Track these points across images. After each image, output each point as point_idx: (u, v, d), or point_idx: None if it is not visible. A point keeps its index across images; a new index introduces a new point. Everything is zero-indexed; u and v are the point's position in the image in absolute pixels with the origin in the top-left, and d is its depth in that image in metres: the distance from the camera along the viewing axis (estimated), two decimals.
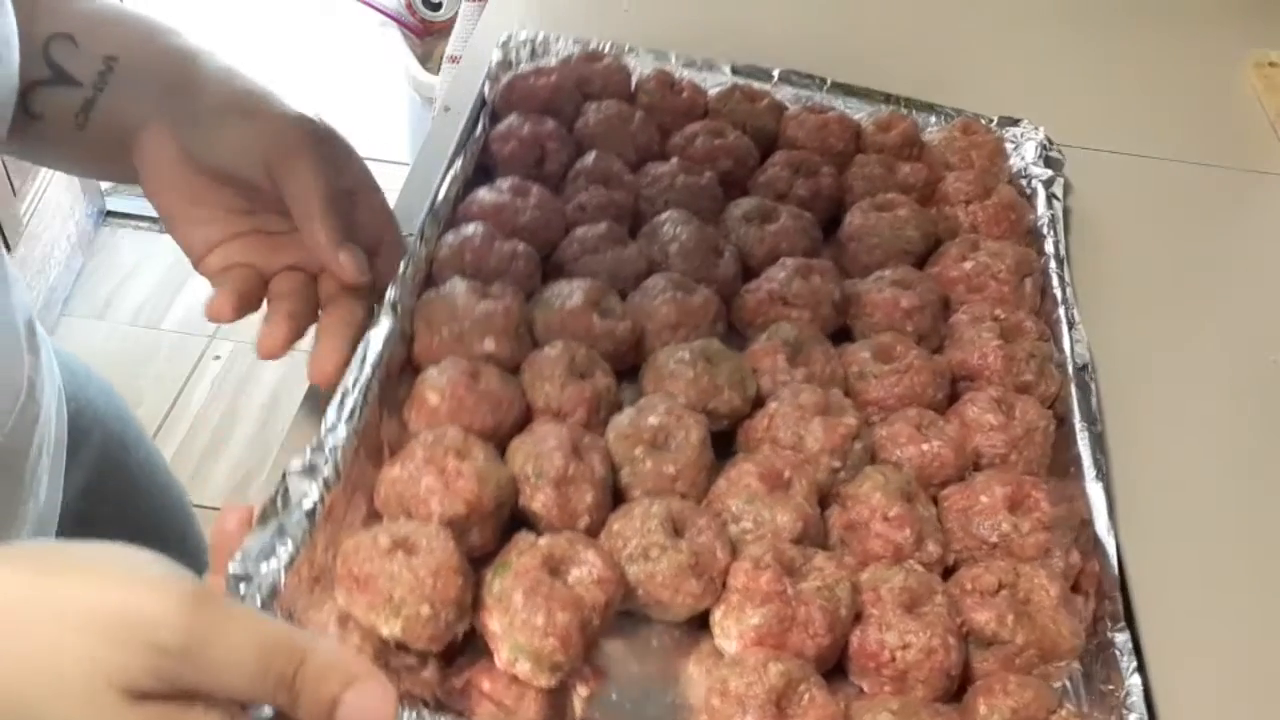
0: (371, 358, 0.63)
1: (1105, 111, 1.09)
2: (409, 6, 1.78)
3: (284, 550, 0.53)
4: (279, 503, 0.54)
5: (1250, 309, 0.92)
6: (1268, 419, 0.82)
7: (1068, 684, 0.64)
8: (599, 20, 1.15)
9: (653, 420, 0.66)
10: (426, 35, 1.80)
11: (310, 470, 0.56)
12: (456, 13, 1.56)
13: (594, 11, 1.18)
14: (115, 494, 0.88)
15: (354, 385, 0.61)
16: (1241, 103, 1.12)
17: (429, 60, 1.79)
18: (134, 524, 0.88)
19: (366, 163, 0.71)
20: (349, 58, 2.39)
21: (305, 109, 0.67)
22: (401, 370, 0.68)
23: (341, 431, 0.58)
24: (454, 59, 1.51)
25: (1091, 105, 1.09)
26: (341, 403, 0.60)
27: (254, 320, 0.87)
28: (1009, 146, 0.96)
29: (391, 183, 0.91)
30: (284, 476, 0.55)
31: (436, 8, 1.76)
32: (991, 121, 0.98)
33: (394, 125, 2.03)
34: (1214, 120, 1.10)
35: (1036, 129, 0.97)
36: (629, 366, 0.74)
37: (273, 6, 2.60)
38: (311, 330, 0.73)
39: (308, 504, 0.54)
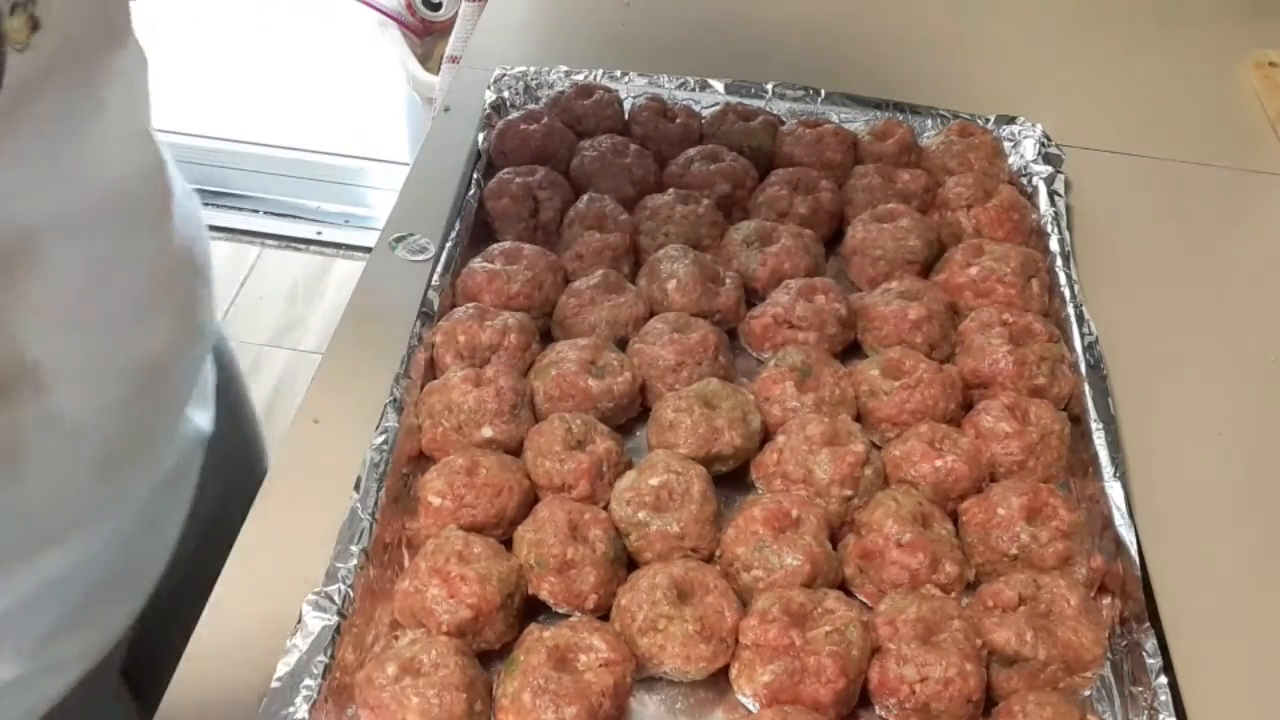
0: (377, 472, 0.66)
1: (1105, 111, 1.08)
2: (409, 6, 1.78)
3: (309, 685, 0.57)
4: (298, 636, 0.58)
5: (1250, 308, 0.90)
6: (1271, 416, 0.82)
7: (1100, 690, 0.64)
8: (595, 20, 1.16)
9: (654, 481, 0.67)
10: (426, 35, 1.80)
11: (326, 599, 0.59)
12: (456, 13, 1.56)
13: (590, 10, 1.18)
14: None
15: (362, 506, 0.64)
16: (1241, 103, 1.10)
17: (429, 60, 1.80)
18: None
19: (367, 163, 0.73)
20: (349, 58, 2.41)
21: None
22: (415, 460, 0.72)
23: (353, 557, 0.62)
24: (454, 59, 1.52)
25: (1091, 105, 1.08)
26: (350, 525, 0.63)
27: (248, 319, 0.91)
28: (1007, 145, 0.96)
29: (391, 182, 0.94)
30: (301, 611, 0.59)
31: (436, 8, 1.76)
32: (988, 122, 0.97)
33: (394, 125, 2.03)
34: (1214, 120, 1.08)
35: (1034, 126, 0.96)
36: (639, 412, 0.77)
37: (273, 6, 2.63)
38: (309, 333, 0.75)
39: (325, 635, 0.58)
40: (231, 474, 0.79)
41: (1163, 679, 0.61)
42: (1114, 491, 0.69)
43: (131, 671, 0.77)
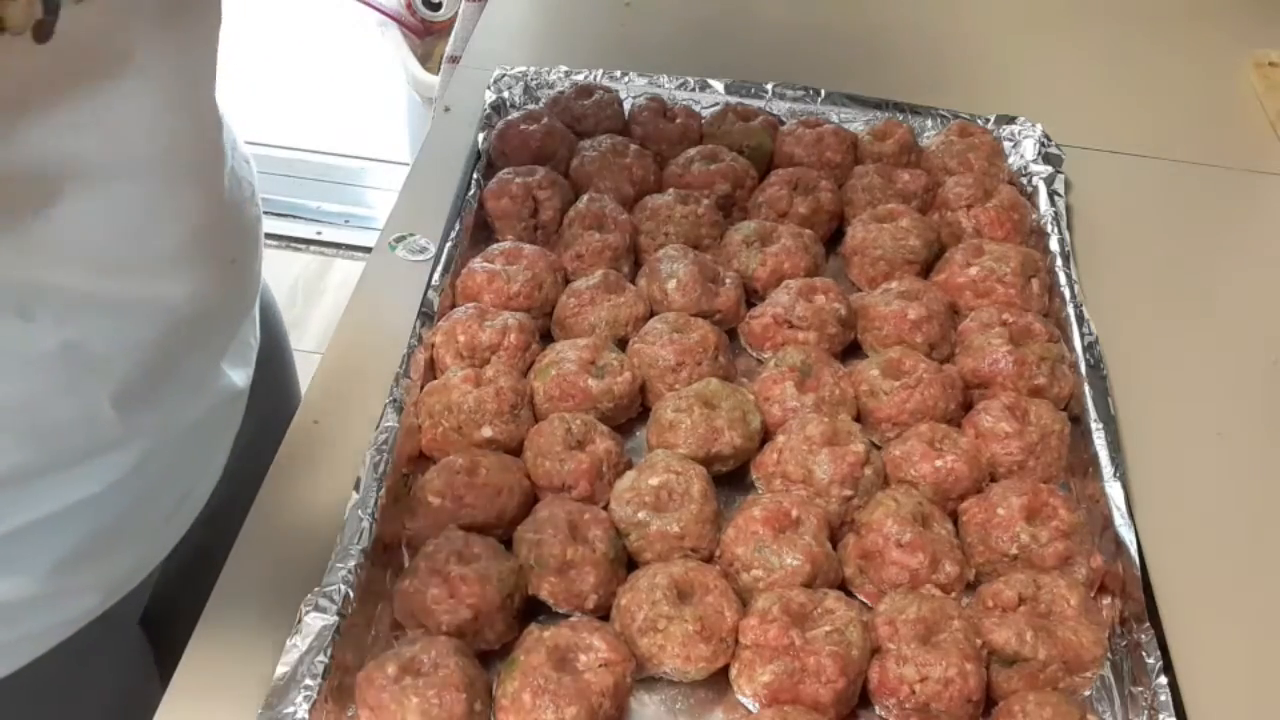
0: (377, 472, 0.66)
1: (1105, 111, 1.08)
2: (409, 6, 1.78)
3: (309, 684, 0.57)
4: (298, 636, 0.58)
5: (1250, 309, 0.90)
6: (1271, 416, 0.82)
7: (1100, 690, 0.64)
8: (595, 20, 1.16)
9: (653, 481, 0.67)
10: (426, 35, 1.80)
11: (326, 599, 0.59)
12: (456, 13, 1.56)
13: (590, 10, 1.18)
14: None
15: (362, 506, 0.64)
16: (1241, 103, 1.11)
17: (429, 60, 1.79)
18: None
19: (367, 162, 0.72)
20: (349, 58, 2.41)
21: None
22: (415, 460, 0.72)
23: (353, 557, 0.62)
24: (454, 59, 1.51)
25: (1091, 105, 1.08)
26: (350, 525, 0.63)
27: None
28: (1007, 145, 0.96)
29: (391, 182, 0.93)
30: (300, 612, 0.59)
31: (436, 8, 1.76)
32: (988, 122, 0.97)
33: (394, 125, 2.03)
34: (1214, 120, 1.09)
35: (1034, 126, 0.96)
36: (640, 412, 0.77)
37: (273, 6, 2.64)
38: (309, 333, 0.73)
39: (325, 635, 0.58)
40: (267, 440, 0.79)
41: (1163, 679, 0.61)
42: (1114, 491, 0.70)
43: (152, 622, 0.78)
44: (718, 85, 1.01)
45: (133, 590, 0.70)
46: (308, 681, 0.57)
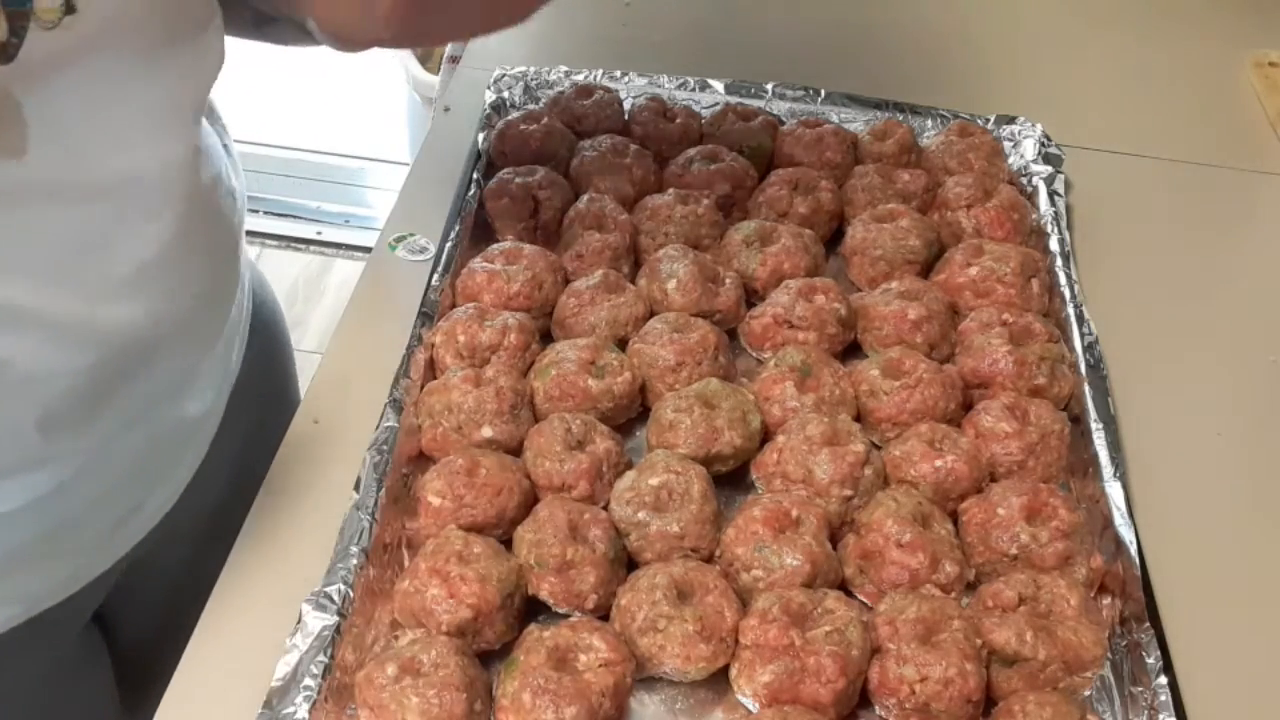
0: (377, 472, 0.66)
1: (1105, 111, 1.08)
2: None
3: (309, 684, 0.57)
4: (298, 636, 0.58)
5: (1250, 308, 0.90)
6: (1271, 416, 0.82)
7: (1100, 690, 0.64)
8: (595, 20, 1.16)
9: (653, 481, 0.68)
10: None
11: (326, 599, 0.59)
12: None
13: (590, 10, 1.18)
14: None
15: (362, 506, 0.64)
16: (1241, 103, 1.11)
17: (429, 60, 1.80)
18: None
19: (367, 162, 0.71)
20: (349, 58, 2.42)
21: None
22: (415, 460, 0.72)
23: (353, 557, 0.62)
24: (454, 59, 1.52)
25: (1091, 105, 1.09)
26: (350, 525, 0.64)
27: None
28: (1007, 145, 0.96)
29: (391, 182, 0.93)
30: (301, 610, 0.59)
31: None
32: (988, 122, 0.97)
33: (394, 125, 2.04)
34: (1214, 120, 1.09)
35: (1034, 126, 0.96)
36: (640, 412, 0.77)
37: None
38: (309, 333, 0.72)
39: (325, 635, 0.58)
40: (265, 441, 0.79)
41: (1163, 679, 0.61)
42: (1114, 491, 0.70)
43: (106, 618, 0.78)
44: (718, 85, 1.01)
45: (73, 595, 0.68)
46: (308, 681, 0.57)
